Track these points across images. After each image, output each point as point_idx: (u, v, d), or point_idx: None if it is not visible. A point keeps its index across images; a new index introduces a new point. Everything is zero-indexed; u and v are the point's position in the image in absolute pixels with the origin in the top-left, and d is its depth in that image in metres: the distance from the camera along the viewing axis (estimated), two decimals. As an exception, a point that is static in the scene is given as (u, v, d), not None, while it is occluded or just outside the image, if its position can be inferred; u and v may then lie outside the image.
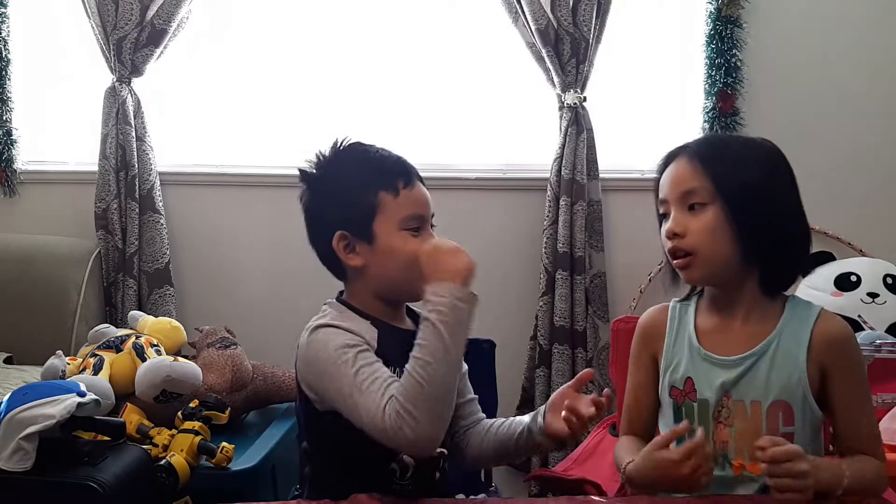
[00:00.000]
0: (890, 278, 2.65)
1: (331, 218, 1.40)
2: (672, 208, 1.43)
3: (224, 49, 3.11)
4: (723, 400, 1.41)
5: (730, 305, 1.45)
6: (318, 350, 1.33)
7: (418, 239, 1.37)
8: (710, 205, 1.39)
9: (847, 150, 2.97)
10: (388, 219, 1.37)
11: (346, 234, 1.38)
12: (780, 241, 1.40)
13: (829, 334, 1.39)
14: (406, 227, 1.38)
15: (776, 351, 1.39)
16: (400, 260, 1.35)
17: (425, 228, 1.40)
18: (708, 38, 2.97)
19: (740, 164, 1.42)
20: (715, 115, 2.98)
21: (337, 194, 1.40)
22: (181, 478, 2.07)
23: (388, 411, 1.22)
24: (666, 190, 1.45)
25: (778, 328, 1.41)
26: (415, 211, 1.39)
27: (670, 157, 1.48)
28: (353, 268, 1.40)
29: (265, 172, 3.09)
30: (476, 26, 3.08)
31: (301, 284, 2.99)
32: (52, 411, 1.88)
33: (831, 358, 1.38)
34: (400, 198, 1.38)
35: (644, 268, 2.98)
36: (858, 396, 1.39)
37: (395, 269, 1.35)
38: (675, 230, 1.42)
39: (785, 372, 1.38)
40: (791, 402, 1.38)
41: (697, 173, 1.41)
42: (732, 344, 1.42)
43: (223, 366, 2.49)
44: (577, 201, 2.92)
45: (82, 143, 3.08)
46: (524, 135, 3.13)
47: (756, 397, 1.39)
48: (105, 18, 2.89)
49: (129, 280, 2.96)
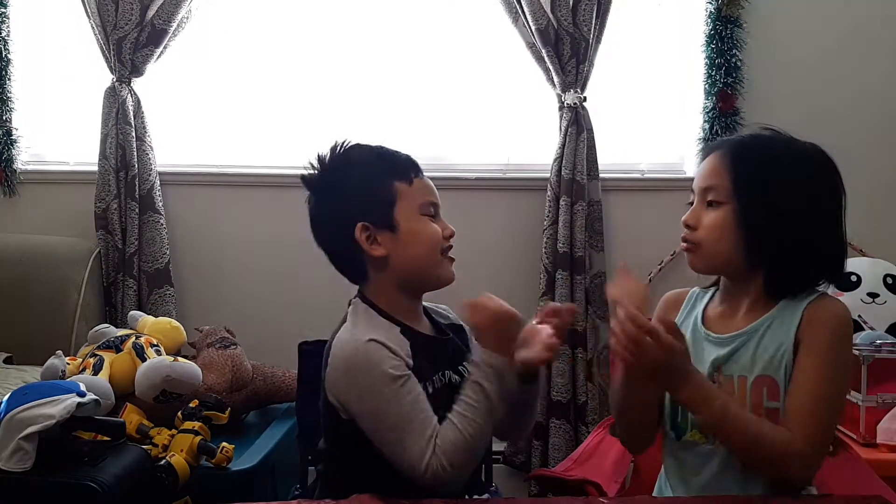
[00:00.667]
0: (890, 278, 2.65)
1: (348, 213, 1.42)
2: (695, 199, 1.48)
3: (224, 49, 3.10)
4: (714, 375, 1.43)
5: (737, 296, 1.47)
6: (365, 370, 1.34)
7: (438, 223, 1.45)
8: (726, 204, 1.42)
9: (847, 149, 2.93)
10: (407, 206, 1.42)
11: (367, 225, 1.41)
12: (790, 251, 1.39)
13: (815, 311, 1.39)
14: (424, 212, 1.44)
15: (767, 330, 1.41)
16: (424, 242, 1.42)
17: (439, 215, 1.47)
18: (708, 38, 2.98)
19: (767, 170, 1.42)
20: (715, 115, 2.98)
21: (353, 189, 1.44)
22: (181, 478, 2.07)
23: (433, 462, 1.29)
24: (695, 180, 1.49)
25: (774, 310, 1.42)
26: (429, 198, 1.45)
27: (710, 149, 1.51)
28: (376, 259, 1.42)
29: (265, 172, 3.09)
30: (476, 26, 3.08)
31: (301, 284, 3.01)
32: (51, 411, 1.88)
33: (807, 330, 1.38)
34: (414, 186, 1.44)
35: (644, 268, 2.98)
36: (811, 368, 1.35)
37: (420, 252, 1.40)
38: (689, 222, 1.46)
39: (772, 348, 1.39)
40: (776, 376, 1.38)
41: (722, 172, 1.43)
42: (732, 327, 1.45)
43: (223, 366, 2.49)
44: (577, 201, 2.92)
45: (82, 143, 3.08)
46: (524, 135, 3.13)
47: (742, 372, 1.41)
48: (105, 18, 2.89)
49: (129, 280, 2.95)
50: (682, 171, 3.12)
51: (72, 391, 1.95)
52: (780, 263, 1.41)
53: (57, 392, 1.94)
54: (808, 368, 1.36)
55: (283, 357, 2.52)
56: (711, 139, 2.97)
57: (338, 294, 1.59)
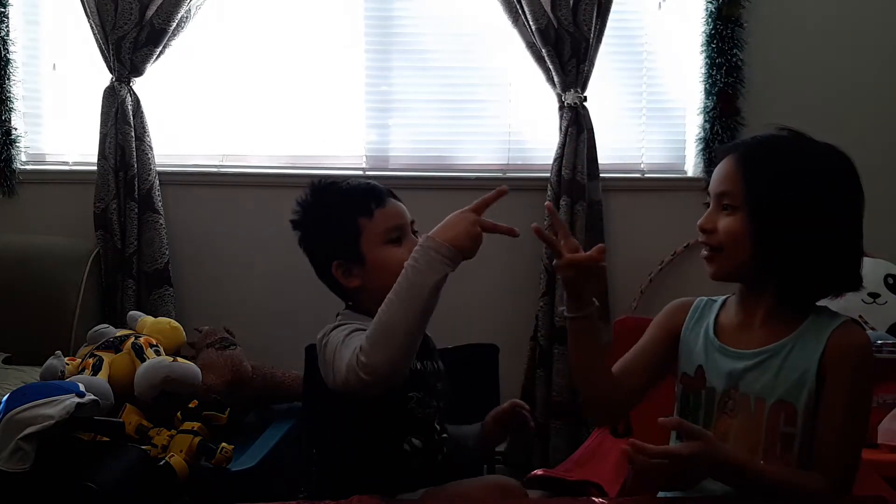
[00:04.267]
0: (890, 278, 2.65)
1: (325, 252, 1.55)
2: (711, 202, 1.45)
3: (223, 48, 3.10)
4: (730, 391, 1.41)
5: (753, 305, 1.44)
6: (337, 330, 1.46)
7: (401, 247, 1.52)
8: (739, 210, 1.40)
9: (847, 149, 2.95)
10: (370, 237, 1.52)
11: (340, 262, 1.53)
12: (802, 261, 1.37)
13: (841, 343, 1.36)
14: (388, 239, 1.53)
15: (790, 353, 1.38)
16: (390, 269, 1.45)
17: (406, 236, 1.55)
18: (708, 38, 2.98)
19: (780, 176, 1.39)
20: (715, 115, 2.98)
21: (323, 231, 1.56)
22: (180, 478, 2.06)
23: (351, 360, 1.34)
24: (711, 184, 1.47)
25: (797, 332, 1.39)
26: (390, 223, 1.54)
27: (726, 151, 1.47)
28: (353, 289, 1.54)
29: (265, 172, 3.09)
30: (476, 26, 3.08)
31: (300, 284, 2.99)
32: (51, 411, 1.88)
33: (834, 364, 1.35)
34: (375, 218, 1.53)
35: (644, 268, 2.98)
36: (840, 407, 1.34)
37: (388, 279, 1.42)
38: (705, 226, 1.44)
39: (794, 374, 1.37)
40: (795, 404, 1.36)
41: (737, 177, 1.41)
42: (748, 340, 1.42)
43: (223, 366, 2.49)
44: (578, 201, 2.92)
45: (82, 142, 3.08)
46: (524, 135, 3.13)
47: (761, 394, 1.38)
48: (104, 18, 2.89)
49: (129, 280, 2.95)
50: (683, 171, 3.12)
51: (71, 391, 1.95)
52: (791, 273, 1.38)
53: (56, 392, 1.94)
54: (838, 407, 1.34)
55: (283, 357, 2.52)
56: (711, 139, 2.97)
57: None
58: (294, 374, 2.52)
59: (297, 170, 3.10)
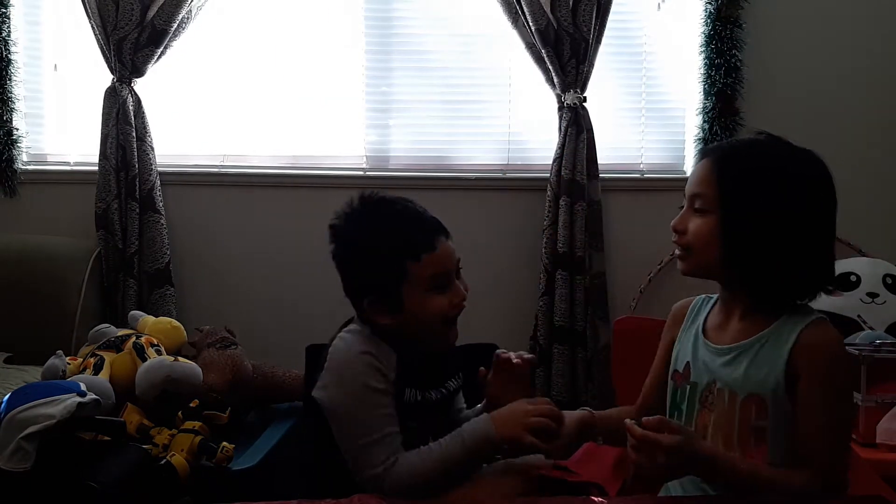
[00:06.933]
0: (890, 278, 2.65)
1: (360, 283, 1.45)
2: (685, 203, 1.47)
3: (224, 49, 3.10)
4: (710, 386, 1.45)
5: (731, 303, 1.48)
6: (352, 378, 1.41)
7: (444, 296, 1.43)
8: (711, 213, 1.42)
9: (847, 149, 2.97)
10: (413, 283, 1.41)
11: (375, 299, 1.43)
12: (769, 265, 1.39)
13: (811, 339, 1.38)
14: (432, 286, 1.42)
15: (761, 349, 1.41)
16: (427, 320, 1.42)
17: (451, 281, 1.44)
18: (707, 38, 2.98)
19: (754, 183, 1.40)
20: (715, 116, 2.99)
21: (364, 262, 1.44)
22: (181, 477, 2.07)
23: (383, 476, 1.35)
24: (687, 185, 1.48)
25: (770, 329, 1.42)
26: (438, 270, 1.42)
27: (703, 154, 1.50)
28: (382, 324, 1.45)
29: (266, 172, 3.10)
30: (476, 27, 3.09)
31: (301, 284, 3.01)
32: (52, 411, 1.88)
33: (804, 361, 1.37)
34: (423, 262, 1.41)
35: (644, 268, 2.98)
36: (817, 403, 1.35)
37: (423, 328, 1.41)
38: (677, 227, 1.47)
39: (764, 368, 1.39)
40: (765, 396, 1.39)
41: (710, 180, 1.43)
42: (727, 336, 1.46)
43: (223, 366, 2.49)
44: (577, 201, 2.92)
45: (83, 143, 3.08)
46: (524, 135, 3.14)
47: (733, 387, 1.41)
48: (105, 19, 2.89)
49: (130, 280, 2.96)
50: (683, 171, 3.13)
51: (72, 391, 1.96)
52: (759, 276, 1.40)
53: (57, 392, 1.95)
54: (816, 402, 1.35)
55: (284, 356, 2.52)
56: (711, 139, 2.98)
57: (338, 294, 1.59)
58: (295, 373, 2.52)
59: (297, 170, 3.11)
